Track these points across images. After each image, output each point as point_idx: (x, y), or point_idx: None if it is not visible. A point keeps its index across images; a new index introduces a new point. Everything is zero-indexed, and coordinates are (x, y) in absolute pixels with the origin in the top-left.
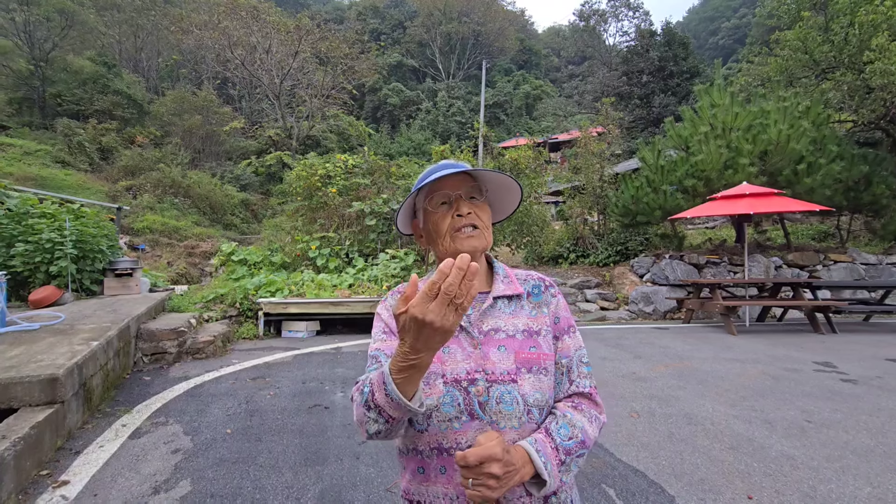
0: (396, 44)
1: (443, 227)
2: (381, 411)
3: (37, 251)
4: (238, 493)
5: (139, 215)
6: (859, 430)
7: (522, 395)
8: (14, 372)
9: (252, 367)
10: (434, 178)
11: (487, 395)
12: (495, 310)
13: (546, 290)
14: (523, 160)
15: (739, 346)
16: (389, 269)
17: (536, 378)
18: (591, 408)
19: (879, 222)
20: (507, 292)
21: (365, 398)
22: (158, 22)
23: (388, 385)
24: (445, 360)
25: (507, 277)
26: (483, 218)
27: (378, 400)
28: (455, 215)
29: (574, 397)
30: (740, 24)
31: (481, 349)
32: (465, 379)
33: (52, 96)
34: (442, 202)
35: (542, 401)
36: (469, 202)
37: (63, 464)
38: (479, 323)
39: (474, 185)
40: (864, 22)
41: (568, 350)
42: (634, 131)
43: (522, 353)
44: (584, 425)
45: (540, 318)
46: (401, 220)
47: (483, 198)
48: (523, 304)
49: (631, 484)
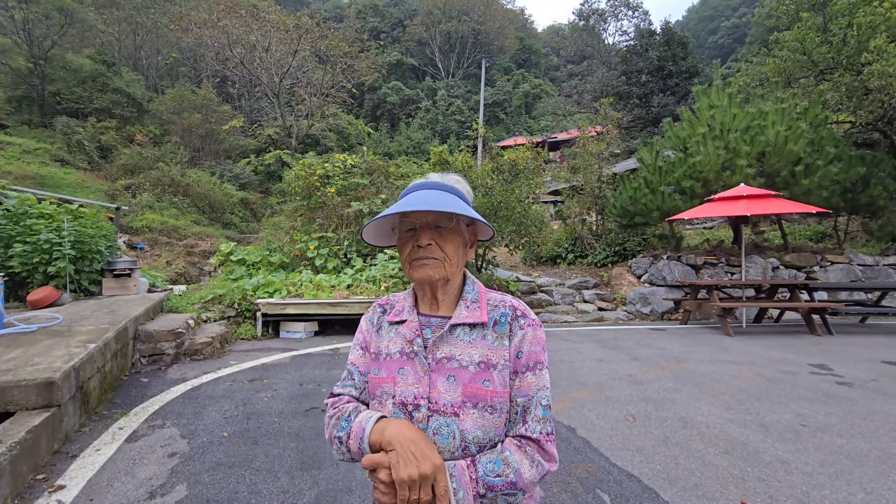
0: (396, 42)
1: (403, 254)
2: (350, 452)
3: (35, 252)
4: (234, 497)
5: (138, 214)
6: (854, 435)
7: (462, 430)
8: (11, 375)
9: (250, 369)
10: (394, 212)
11: (426, 423)
12: (453, 337)
13: (514, 321)
14: (521, 160)
15: (736, 347)
16: (388, 269)
17: (481, 415)
18: (538, 453)
19: (876, 223)
20: (468, 320)
21: (339, 434)
22: (158, 20)
23: (364, 445)
24: (398, 381)
25: (476, 302)
26: (446, 248)
27: (351, 446)
28: (415, 245)
29: (521, 439)
30: (740, 24)
31: (429, 377)
32: (411, 403)
33: (51, 94)
34: (409, 228)
35: (484, 439)
36: (433, 231)
37: (59, 468)
38: (433, 349)
39: (442, 214)
40: (862, 23)
41: (528, 389)
42: (633, 131)
43: (471, 387)
44: (519, 467)
45: (500, 351)
46: (375, 235)
47: (451, 224)
48: (486, 334)
49: (625, 489)
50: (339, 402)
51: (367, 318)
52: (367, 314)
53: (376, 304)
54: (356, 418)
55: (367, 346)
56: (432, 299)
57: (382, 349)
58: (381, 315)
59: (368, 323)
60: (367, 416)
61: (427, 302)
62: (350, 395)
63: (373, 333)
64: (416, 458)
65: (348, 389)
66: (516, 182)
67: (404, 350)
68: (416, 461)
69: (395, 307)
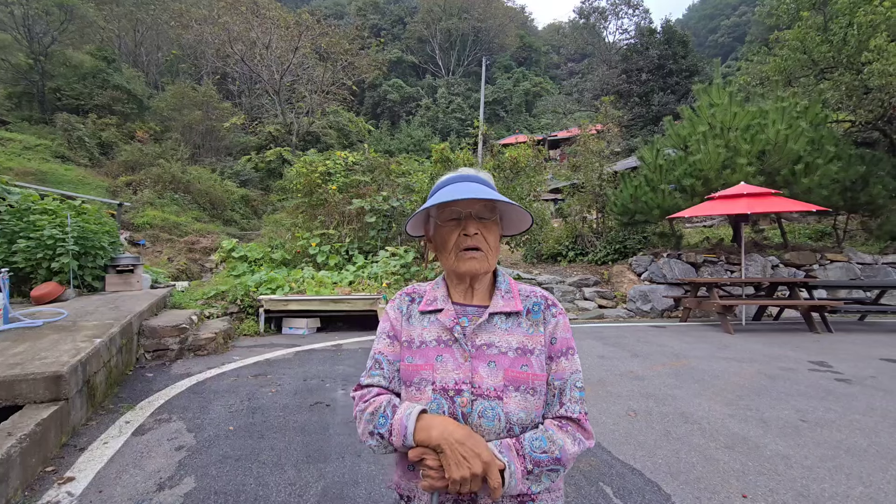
0: (396, 40)
1: (449, 243)
2: (391, 445)
3: (38, 247)
4: (242, 489)
5: (139, 211)
6: (853, 430)
7: (506, 412)
8: (19, 369)
9: (253, 364)
10: (448, 199)
11: (471, 407)
12: (491, 325)
13: (546, 310)
14: (523, 158)
15: (736, 345)
16: (389, 266)
17: (523, 397)
18: (578, 431)
19: (876, 222)
20: (504, 308)
21: (380, 431)
22: (158, 16)
23: (408, 442)
24: (437, 368)
25: (510, 293)
26: (489, 239)
27: (394, 441)
28: (462, 234)
29: (561, 419)
30: (740, 22)
31: (471, 363)
32: (453, 388)
33: (51, 91)
34: (452, 217)
35: (527, 420)
36: (478, 222)
37: (68, 460)
38: (472, 336)
39: (486, 204)
40: (862, 22)
41: (563, 372)
42: (633, 129)
43: (512, 371)
44: (563, 444)
45: (536, 337)
46: (412, 224)
47: (494, 216)
48: (521, 322)
49: (628, 482)
50: (368, 395)
51: (394, 307)
52: (394, 303)
53: (402, 293)
54: (396, 415)
55: (396, 334)
56: (468, 289)
57: (415, 337)
58: (409, 304)
59: (397, 312)
60: (406, 411)
61: (462, 292)
62: (379, 386)
63: (402, 322)
64: (466, 459)
65: (376, 379)
66: (518, 180)
67: (441, 338)
68: (466, 462)
69: (426, 297)
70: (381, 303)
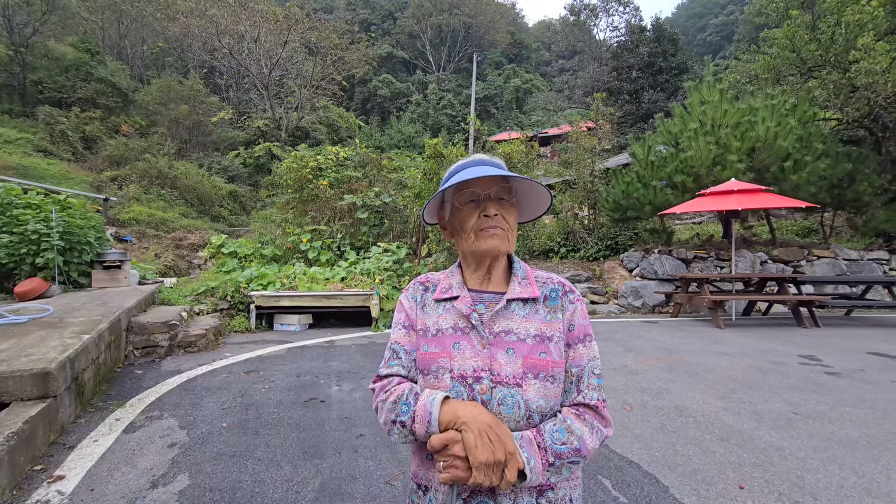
0: (386, 35)
1: (468, 225)
2: (414, 434)
3: (22, 242)
4: (237, 486)
5: (125, 206)
6: (844, 422)
7: (525, 400)
8: (5, 366)
9: (245, 361)
10: (467, 179)
11: (490, 394)
12: (509, 311)
13: (564, 296)
14: (516, 154)
15: (727, 339)
16: (382, 262)
17: (542, 385)
18: (596, 419)
19: (861, 219)
20: (522, 295)
21: (402, 419)
22: (143, 8)
23: (432, 428)
24: (455, 355)
25: (526, 279)
26: (508, 220)
27: (417, 430)
28: (482, 215)
29: (579, 407)
30: (728, 21)
31: (489, 350)
32: (471, 376)
33: (32, 83)
34: (470, 199)
35: (546, 407)
36: (497, 203)
37: (57, 458)
38: (490, 323)
39: (504, 186)
40: (850, 21)
41: (580, 359)
42: (624, 126)
43: (531, 359)
44: (582, 434)
45: (554, 324)
46: (428, 210)
47: (512, 199)
48: (538, 308)
49: (626, 475)
50: (389, 385)
51: (407, 297)
52: (407, 293)
53: (415, 282)
54: (418, 402)
55: (411, 324)
56: (485, 275)
57: (431, 325)
58: (423, 292)
59: (411, 301)
60: (430, 397)
61: (478, 278)
62: (399, 376)
63: (417, 311)
64: (492, 443)
65: (395, 369)
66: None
67: (458, 325)
68: (491, 446)
69: (440, 285)
70: (374, 298)
